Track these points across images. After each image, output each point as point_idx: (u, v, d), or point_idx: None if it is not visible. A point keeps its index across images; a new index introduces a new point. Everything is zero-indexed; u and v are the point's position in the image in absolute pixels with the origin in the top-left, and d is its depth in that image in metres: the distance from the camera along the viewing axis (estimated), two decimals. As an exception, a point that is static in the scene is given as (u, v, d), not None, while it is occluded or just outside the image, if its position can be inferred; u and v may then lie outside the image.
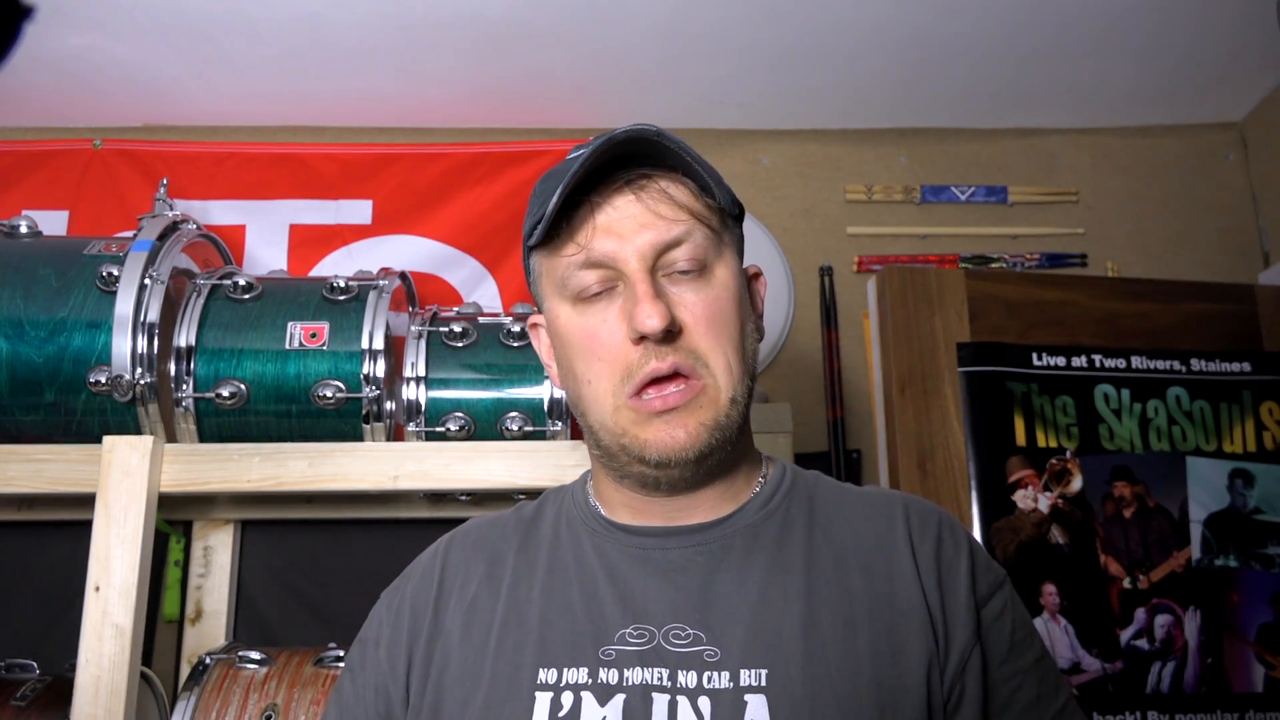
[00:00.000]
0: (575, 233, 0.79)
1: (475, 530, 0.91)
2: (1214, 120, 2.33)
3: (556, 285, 0.82)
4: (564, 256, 0.80)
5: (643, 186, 0.79)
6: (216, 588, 1.80)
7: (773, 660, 0.74)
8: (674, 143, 0.79)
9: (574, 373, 0.82)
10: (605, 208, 0.79)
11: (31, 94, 2.11)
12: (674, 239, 0.78)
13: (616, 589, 0.80)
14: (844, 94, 2.19)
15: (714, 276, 0.80)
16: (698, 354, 0.78)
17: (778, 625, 0.76)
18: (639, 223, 0.78)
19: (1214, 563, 1.60)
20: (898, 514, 0.83)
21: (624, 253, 0.77)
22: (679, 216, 0.79)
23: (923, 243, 2.27)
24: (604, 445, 0.81)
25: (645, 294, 0.76)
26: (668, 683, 0.74)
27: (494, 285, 2.12)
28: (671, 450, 0.77)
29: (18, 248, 1.55)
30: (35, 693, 1.48)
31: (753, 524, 0.82)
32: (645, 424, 0.78)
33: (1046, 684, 0.82)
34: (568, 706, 0.74)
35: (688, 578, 0.79)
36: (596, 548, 0.83)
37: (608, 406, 0.79)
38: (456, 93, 2.16)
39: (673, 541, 0.82)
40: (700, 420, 0.77)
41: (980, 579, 0.81)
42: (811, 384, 2.16)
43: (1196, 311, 1.72)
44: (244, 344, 1.49)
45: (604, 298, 0.79)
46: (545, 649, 0.77)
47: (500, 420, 1.52)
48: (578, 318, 0.81)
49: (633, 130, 0.77)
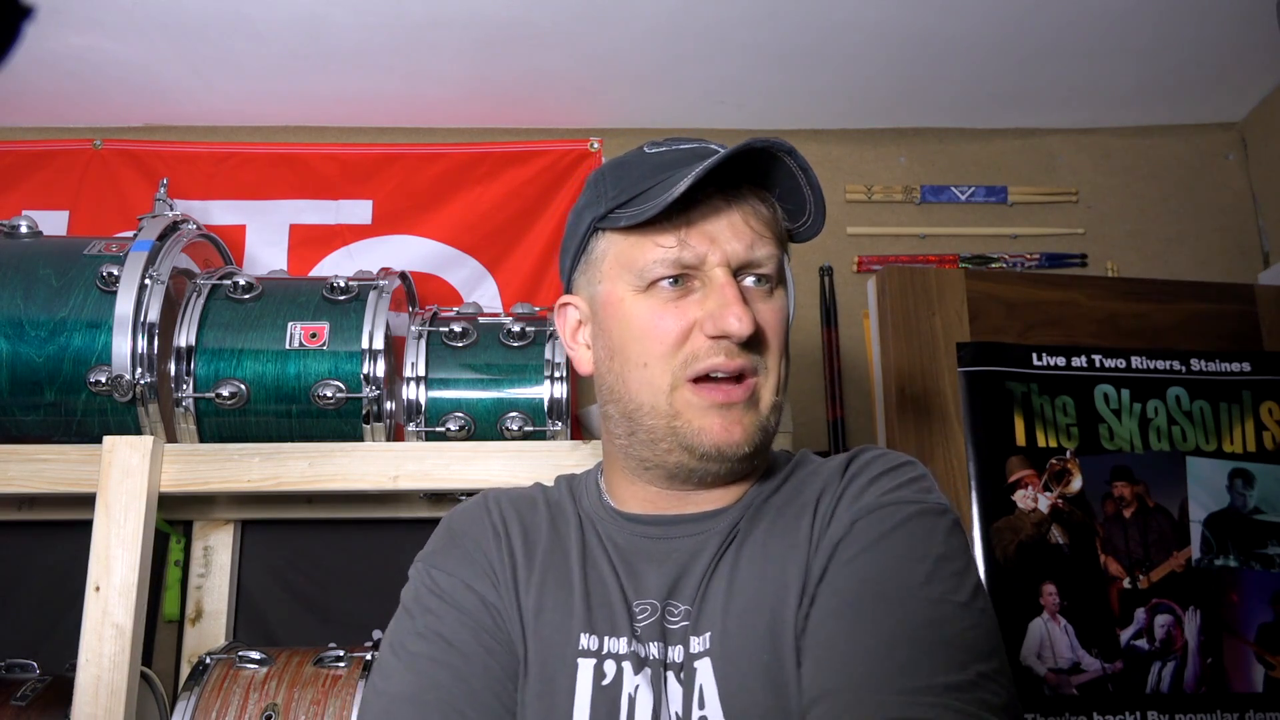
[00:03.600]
0: (672, 225, 0.81)
1: (506, 497, 0.91)
2: (1214, 120, 2.33)
3: (630, 270, 0.82)
4: (658, 244, 0.81)
5: (737, 194, 0.82)
6: (216, 588, 1.80)
7: (712, 624, 0.77)
8: (800, 165, 0.82)
9: (628, 355, 0.83)
10: (703, 208, 0.81)
11: (31, 94, 2.11)
12: (758, 255, 0.81)
13: (629, 572, 0.83)
14: (844, 94, 2.19)
15: (780, 292, 0.85)
16: (762, 359, 0.82)
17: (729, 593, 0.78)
18: (732, 230, 0.81)
19: (1214, 563, 1.60)
20: (845, 457, 0.85)
21: (715, 257, 0.80)
22: (764, 232, 0.82)
23: (923, 243, 2.27)
24: (646, 428, 0.82)
25: (735, 298, 0.79)
26: (664, 657, 0.78)
27: (494, 285, 2.12)
28: (727, 444, 0.79)
29: (18, 248, 1.55)
30: (35, 693, 1.48)
31: (749, 505, 0.85)
32: (703, 413, 0.80)
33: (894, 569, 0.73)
34: (610, 675, 0.77)
35: (685, 561, 0.82)
36: (608, 535, 0.86)
37: (663, 386, 0.80)
38: (456, 93, 2.16)
39: (676, 530, 0.84)
40: (754, 420, 0.81)
41: (868, 497, 0.78)
42: (811, 384, 2.16)
43: (1196, 311, 1.72)
44: (244, 344, 1.49)
45: (680, 289, 0.81)
46: (588, 616, 0.80)
47: (500, 420, 1.52)
48: (646, 302, 0.82)
49: (770, 141, 0.79)
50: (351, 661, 1.48)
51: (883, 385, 1.65)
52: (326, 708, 1.41)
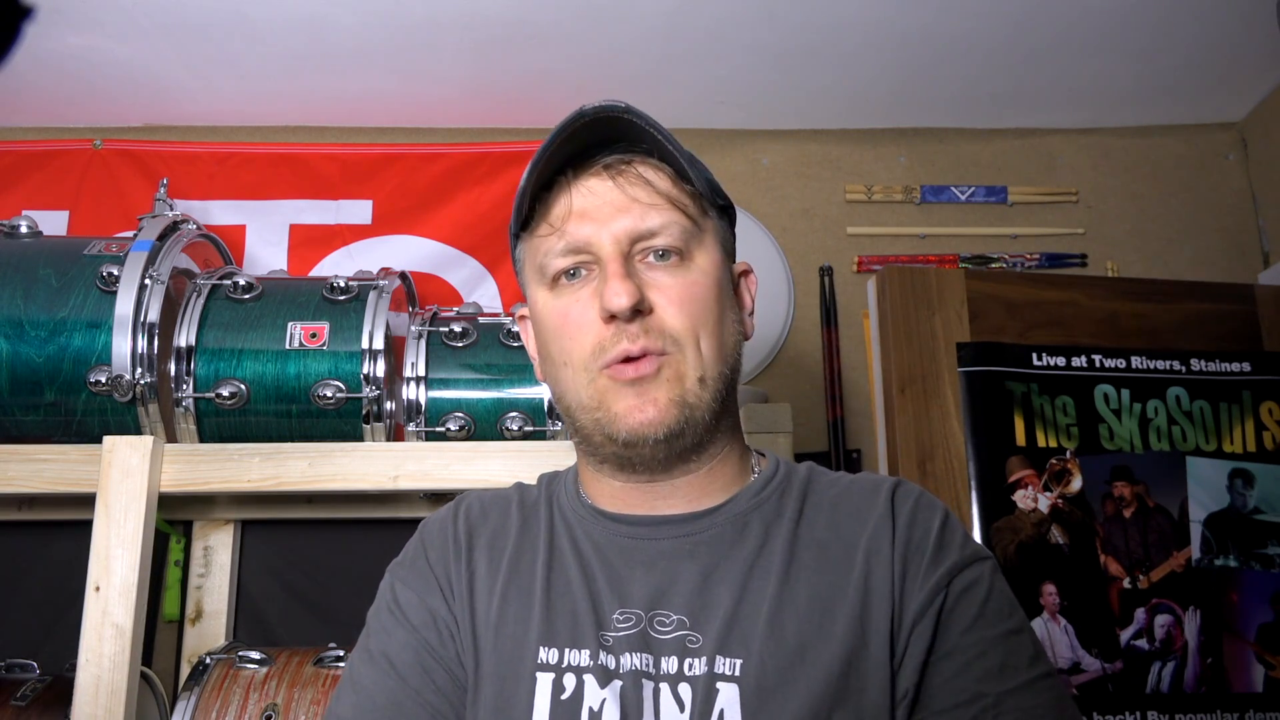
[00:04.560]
0: (552, 217, 0.80)
1: (479, 502, 0.90)
2: (1214, 120, 2.33)
3: (536, 270, 0.83)
4: (541, 239, 0.81)
5: (620, 171, 0.80)
6: (216, 588, 1.80)
7: (748, 650, 0.74)
8: (644, 120, 0.79)
9: (551, 355, 0.83)
10: (582, 190, 0.80)
11: (31, 94, 2.11)
12: (650, 224, 0.78)
13: (608, 576, 0.80)
14: (844, 94, 2.19)
15: (692, 263, 0.80)
16: (667, 333, 0.78)
17: (755, 615, 0.75)
18: (615, 207, 0.78)
19: (1214, 563, 1.60)
20: (883, 494, 0.82)
21: (599, 237, 0.78)
22: (655, 201, 0.79)
23: (923, 243, 2.27)
24: (580, 425, 0.81)
25: (615, 273, 0.76)
26: (652, 669, 0.75)
27: (494, 285, 2.12)
28: (641, 425, 0.77)
29: (18, 248, 1.55)
30: (35, 693, 1.48)
31: (742, 513, 0.82)
32: (617, 395, 0.78)
33: (1017, 656, 0.76)
34: (570, 689, 0.74)
35: (674, 565, 0.79)
36: (588, 534, 0.83)
37: (583, 381, 0.79)
38: (456, 93, 2.16)
39: (663, 530, 0.81)
40: (669, 396, 0.77)
41: (949, 553, 0.78)
42: (811, 384, 2.16)
43: (1196, 311, 1.72)
44: (244, 344, 1.49)
45: (580, 281, 0.80)
46: (547, 629, 0.77)
47: (500, 420, 1.52)
48: (554, 300, 0.81)
49: (602, 105, 0.77)
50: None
51: (883, 385, 1.65)
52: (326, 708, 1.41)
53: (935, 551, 0.78)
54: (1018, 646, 0.76)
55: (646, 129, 0.79)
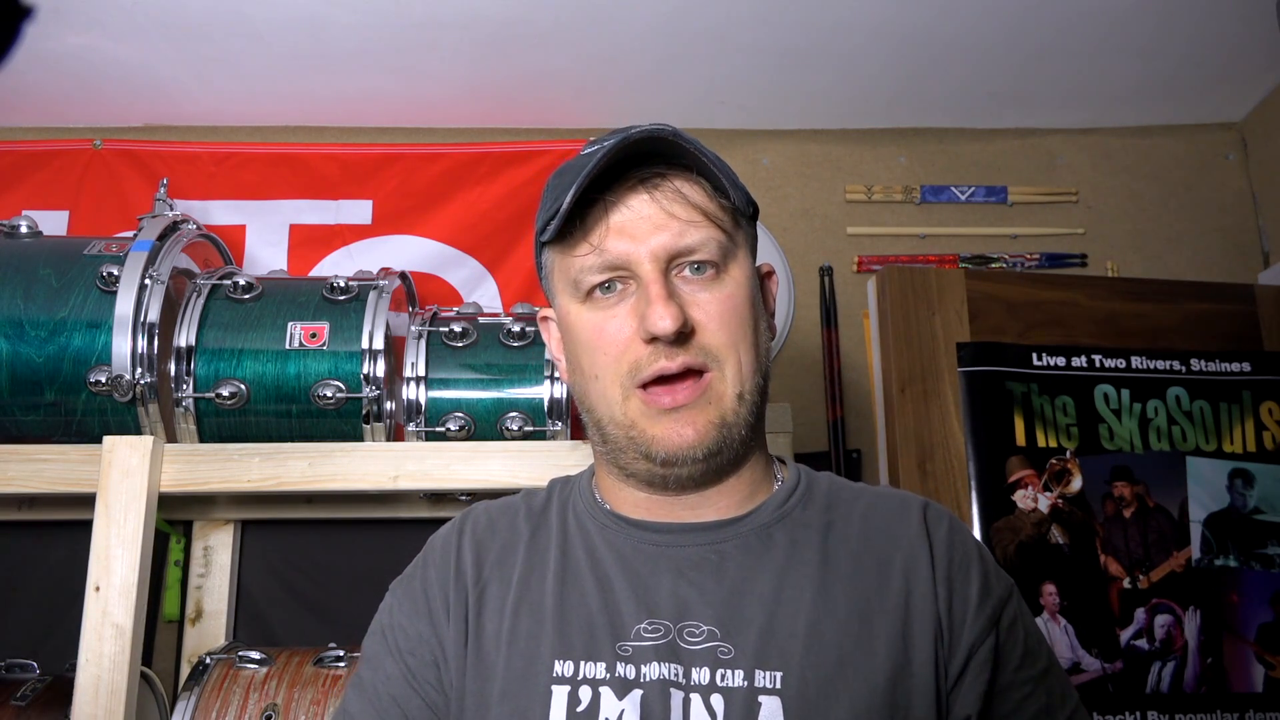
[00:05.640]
0: (589, 232, 0.79)
1: (485, 515, 0.89)
2: (1214, 120, 2.33)
3: (568, 283, 0.82)
4: (577, 256, 0.80)
5: (657, 185, 0.79)
6: (216, 588, 1.80)
7: (788, 662, 0.74)
8: (690, 142, 0.79)
9: (581, 367, 0.82)
10: (619, 207, 0.78)
11: (31, 94, 2.11)
12: (688, 241, 0.78)
13: (631, 584, 0.79)
14: (844, 94, 2.19)
15: (728, 276, 0.80)
16: (709, 351, 0.78)
17: (793, 626, 0.75)
18: (653, 223, 0.78)
19: (1214, 563, 1.60)
20: (914, 514, 0.83)
21: (638, 254, 0.77)
22: (693, 217, 0.78)
23: (923, 243, 2.27)
24: (611, 439, 0.81)
25: (658, 295, 0.75)
26: (682, 679, 0.74)
27: (494, 285, 2.12)
28: (680, 448, 0.77)
29: (18, 248, 1.54)
30: (35, 693, 1.48)
31: (768, 524, 0.82)
32: (654, 420, 0.77)
33: (1055, 693, 0.82)
34: (586, 702, 0.74)
35: (703, 575, 0.78)
36: (608, 542, 0.83)
37: (616, 398, 0.79)
38: (456, 93, 2.16)
39: (689, 538, 0.81)
40: (709, 418, 0.77)
41: (994, 585, 0.81)
42: (811, 384, 2.16)
43: (1196, 311, 1.72)
44: (244, 344, 1.49)
45: (616, 295, 0.79)
46: (561, 642, 0.77)
47: (500, 420, 1.52)
48: (588, 313, 0.80)
49: (649, 129, 0.77)
50: (351, 661, 1.48)
51: (883, 385, 1.65)
52: (326, 708, 1.41)
53: (982, 583, 0.80)
54: (1054, 682, 0.83)
55: (688, 148, 0.79)
